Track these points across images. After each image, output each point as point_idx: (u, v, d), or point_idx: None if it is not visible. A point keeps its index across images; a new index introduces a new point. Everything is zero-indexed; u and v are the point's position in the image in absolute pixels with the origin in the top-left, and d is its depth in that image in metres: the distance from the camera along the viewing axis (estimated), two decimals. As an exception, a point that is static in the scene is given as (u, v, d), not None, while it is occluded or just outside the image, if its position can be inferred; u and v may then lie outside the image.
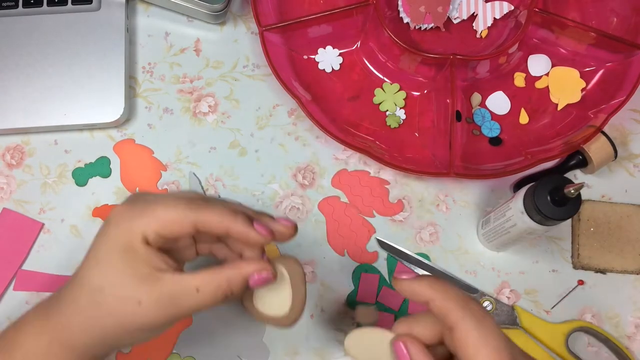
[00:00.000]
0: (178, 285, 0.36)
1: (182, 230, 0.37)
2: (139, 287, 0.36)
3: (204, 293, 0.36)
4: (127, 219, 0.37)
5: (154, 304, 0.36)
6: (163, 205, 0.37)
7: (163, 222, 0.36)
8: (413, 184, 0.57)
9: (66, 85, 0.56)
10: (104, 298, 0.36)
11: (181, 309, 0.36)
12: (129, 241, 0.36)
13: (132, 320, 0.36)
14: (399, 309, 0.53)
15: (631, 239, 0.54)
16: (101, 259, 0.37)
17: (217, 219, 0.37)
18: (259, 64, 0.59)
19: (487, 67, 0.57)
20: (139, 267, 0.36)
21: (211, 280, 0.36)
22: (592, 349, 0.53)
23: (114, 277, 0.36)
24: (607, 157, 0.54)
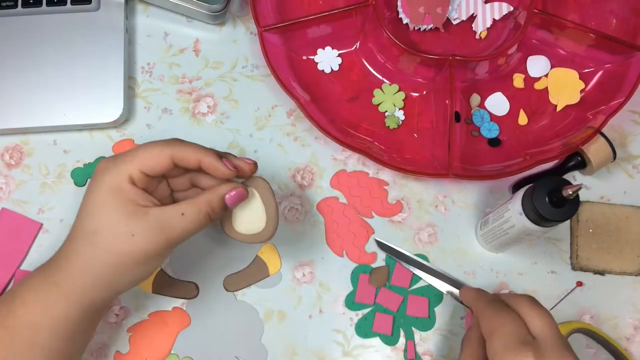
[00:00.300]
0: (165, 214, 0.41)
1: (162, 163, 0.42)
2: (129, 221, 0.40)
3: (189, 215, 0.41)
4: (114, 165, 0.41)
5: (146, 232, 0.40)
6: (143, 147, 0.42)
7: (145, 160, 0.41)
8: (412, 185, 0.57)
9: (65, 85, 0.56)
10: (100, 238, 0.40)
11: (171, 233, 0.41)
12: (117, 184, 0.41)
13: (128, 252, 0.40)
14: (397, 309, 0.53)
15: (630, 241, 0.54)
16: (92, 205, 0.41)
17: (192, 152, 0.42)
18: (258, 64, 0.59)
19: (486, 68, 0.57)
20: (127, 205, 0.40)
21: (193, 204, 0.41)
22: (591, 350, 0.53)
23: (106, 218, 0.40)
24: (606, 159, 0.54)
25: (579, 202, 0.43)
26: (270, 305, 0.53)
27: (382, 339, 0.53)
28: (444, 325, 0.53)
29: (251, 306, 0.53)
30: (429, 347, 0.53)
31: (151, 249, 0.40)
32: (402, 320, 0.53)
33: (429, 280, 0.54)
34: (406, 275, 0.54)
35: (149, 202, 0.41)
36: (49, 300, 0.41)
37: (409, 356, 0.52)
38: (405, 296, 0.53)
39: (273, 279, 0.54)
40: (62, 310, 0.41)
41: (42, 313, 0.40)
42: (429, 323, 0.53)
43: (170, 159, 0.42)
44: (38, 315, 0.40)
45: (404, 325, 0.53)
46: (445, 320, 0.53)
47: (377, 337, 0.53)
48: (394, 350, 0.53)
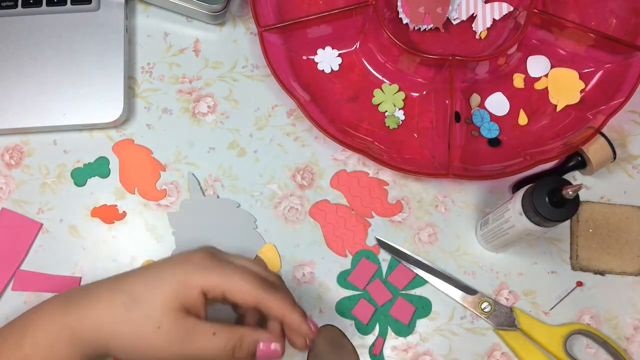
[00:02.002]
0: (198, 326, 0.39)
1: (245, 303, 0.40)
2: (166, 314, 0.39)
3: (218, 339, 0.39)
4: (206, 268, 0.40)
5: (169, 333, 0.38)
6: (240, 277, 0.41)
7: (234, 289, 0.40)
8: (412, 185, 0.57)
9: (65, 85, 0.56)
10: (137, 308, 0.39)
11: (193, 346, 0.39)
12: (193, 284, 0.39)
13: (145, 339, 0.39)
14: (382, 305, 0.53)
15: (630, 241, 0.54)
16: (157, 276, 0.40)
17: (279, 305, 0.41)
18: (258, 64, 0.59)
19: (486, 68, 0.57)
20: (177, 302, 0.39)
21: (227, 331, 0.40)
22: (591, 350, 0.53)
23: (155, 297, 0.39)
24: (606, 159, 0.54)
25: (579, 202, 0.43)
26: (270, 305, 0.53)
27: (356, 324, 0.53)
28: (444, 325, 0.53)
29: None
30: (429, 347, 0.53)
31: (166, 351, 0.39)
32: (382, 317, 0.53)
33: (429, 280, 0.54)
34: (404, 277, 0.54)
35: (197, 314, 0.40)
36: (57, 342, 0.39)
37: (373, 351, 0.52)
38: (395, 296, 0.53)
39: (273, 279, 0.54)
40: (66, 353, 0.39)
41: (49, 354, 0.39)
42: (406, 330, 0.53)
43: (255, 303, 0.41)
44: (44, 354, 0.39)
45: (382, 322, 0.53)
46: (445, 321, 0.53)
47: (352, 320, 0.53)
48: (361, 339, 0.53)
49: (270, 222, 0.55)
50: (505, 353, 0.53)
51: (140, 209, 0.56)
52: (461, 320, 0.53)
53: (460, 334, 0.53)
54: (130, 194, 0.56)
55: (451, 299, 0.54)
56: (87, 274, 0.54)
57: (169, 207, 0.56)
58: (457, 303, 0.54)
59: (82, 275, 0.54)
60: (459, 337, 0.53)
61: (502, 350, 0.53)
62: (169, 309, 0.39)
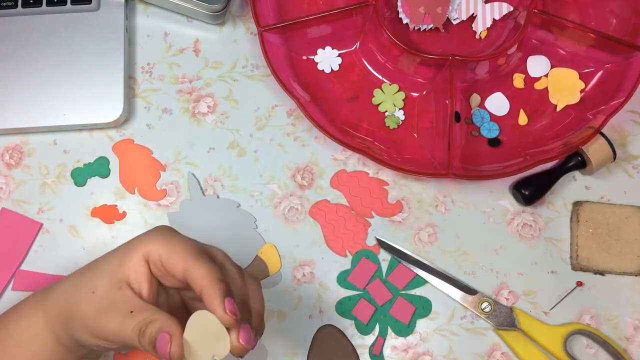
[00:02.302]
0: (123, 300, 0.37)
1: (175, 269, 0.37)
2: (103, 280, 0.38)
3: (130, 319, 0.36)
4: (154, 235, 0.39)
5: (98, 300, 0.37)
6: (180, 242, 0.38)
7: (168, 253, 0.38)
8: (412, 185, 0.57)
9: (65, 85, 0.56)
10: (87, 275, 0.40)
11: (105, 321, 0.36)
12: (136, 248, 0.39)
13: (81, 303, 0.38)
14: (382, 305, 0.53)
15: (630, 241, 0.54)
16: (116, 249, 0.40)
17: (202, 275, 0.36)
18: (258, 64, 0.59)
19: (486, 68, 0.57)
20: (121, 270, 0.38)
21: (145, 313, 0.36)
22: (591, 350, 0.53)
23: (102, 264, 0.40)
24: (606, 159, 0.54)
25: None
26: (270, 305, 0.53)
27: (356, 324, 0.53)
28: (444, 325, 0.53)
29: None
30: (429, 347, 0.53)
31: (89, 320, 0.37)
32: (382, 317, 0.53)
33: (429, 280, 0.54)
34: (404, 277, 0.54)
35: (137, 285, 0.38)
36: (33, 318, 0.41)
37: (373, 351, 0.52)
38: (395, 296, 0.53)
39: (273, 279, 0.54)
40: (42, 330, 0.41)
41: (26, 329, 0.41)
42: (406, 330, 0.53)
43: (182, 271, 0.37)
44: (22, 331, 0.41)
45: (382, 322, 0.53)
46: (445, 321, 0.53)
47: (352, 320, 0.53)
48: (361, 339, 0.53)
49: (270, 222, 0.55)
50: (505, 353, 0.53)
51: (140, 209, 0.56)
52: (461, 320, 0.53)
53: (460, 334, 0.53)
54: (130, 194, 0.56)
55: (451, 299, 0.54)
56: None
57: (169, 207, 0.56)
58: (457, 303, 0.54)
59: (82, 275, 0.54)
60: (459, 337, 0.53)
61: (502, 350, 0.53)
62: (109, 276, 0.38)
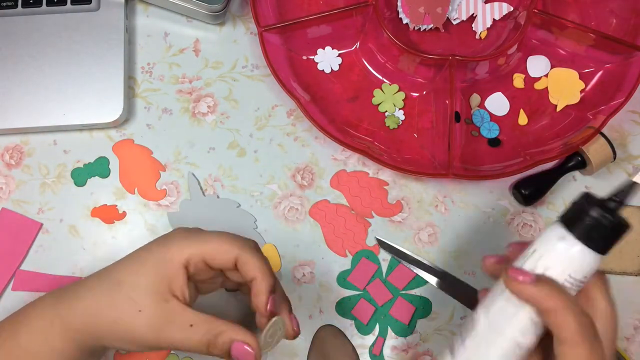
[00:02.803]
0: (177, 314, 0.38)
1: (224, 262, 0.39)
2: (147, 298, 0.37)
3: (194, 332, 0.37)
4: (183, 239, 0.39)
5: (149, 318, 0.37)
6: (218, 236, 0.40)
7: (213, 252, 0.39)
8: (412, 185, 0.57)
9: (65, 85, 0.56)
10: (119, 291, 0.38)
11: (168, 336, 0.37)
12: (172, 258, 0.38)
13: (126, 323, 0.38)
14: (382, 305, 0.53)
15: (630, 241, 0.54)
16: (136, 260, 0.39)
17: (256, 265, 0.39)
18: (258, 64, 0.59)
19: (486, 68, 0.57)
20: (160, 282, 0.38)
21: (205, 324, 0.38)
22: (591, 350, 0.53)
23: (137, 279, 0.38)
24: (606, 159, 0.54)
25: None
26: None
27: (356, 324, 0.53)
28: (444, 325, 0.53)
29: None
30: (429, 347, 0.53)
31: (145, 336, 0.38)
32: (382, 317, 0.53)
33: (429, 280, 0.54)
34: (404, 277, 0.54)
35: (180, 293, 0.38)
36: (50, 332, 0.39)
37: (373, 351, 0.52)
38: (396, 296, 0.54)
39: (273, 279, 0.54)
40: (60, 344, 0.39)
41: (43, 343, 0.39)
42: (406, 330, 0.53)
43: (234, 261, 0.39)
44: (38, 345, 0.39)
45: (382, 322, 0.53)
46: (445, 320, 0.53)
47: (352, 320, 0.53)
48: (361, 339, 0.53)
49: (270, 222, 0.55)
50: (505, 353, 0.53)
51: (140, 209, 0.56)
52: (461, 320, 0.53)
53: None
54: (130, 194, 0.56)
55: (451, 299, 0.54)
56: (87, 274, 0.53)
57: (169, 207, 0.56)
58: (457, 303, 0.54)
59: (82, 275, 0.54)
60: (459, 337, 0.53)
61: (502, 350, 0.53)
62: (152, 292, 0.38)
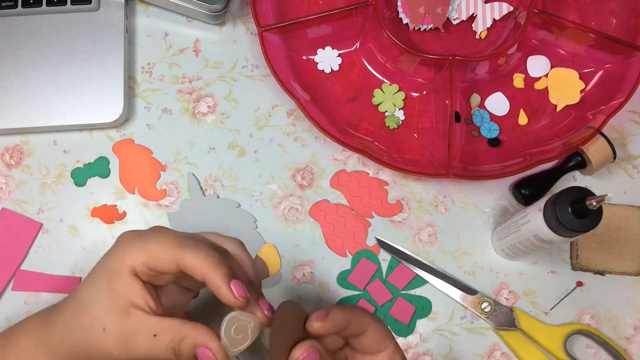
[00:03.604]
0: (140, 325, 0.36)
1: (166, 267, 0.37)
2: (109, 314, 0.36)
3: (158, 341, 0.36)
4: (123, 248, 0.38)
5: (114, 334, 0.36)
6: (154, 241, 0.37)
7: (151, 257, 0.37)
8: (412, 185, 0.57)
9: (65, 85, 0.56)
10: (83, 313, 0.37)
11: (136, 348, 0.36)
12: (119, 269, 0.37)
13: (95, 343, 0.37)
14: (382, 305, 0.53)
15: (630, 241, 0.54)
16: (94, 278, 0.38)
17: (199, 263, 0.36)
18: (258, 64, 0.59)
19: (486, 68, 0.57)
20: (118, 296, 0.36)
21: (169, 331, 0.36)
22: (591, 350, 0.53)
23: (96, 297, 0.37)
24: (606, 159, 0.54)
25: (602, 213, 0.42)
26: (270, 305, 0.53)
27: None
28: (444, 325, 0.53)
29: (251, 306, 0.53)
30: (429, 347, 0.53)
31: (113, 353, 0.36)
32: (382, 317, 0.53)
33: (429, 280, 0.54)
34: (404, 277, 0.54)
35: (141, 300, 0.37)
36: (35, 355, 0.39)
37: None
38: (395, 296, 0.54)
39: (273, 279, 0.54)
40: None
41: None
42: (406, 330, 0.53)
43: (175, 265, 0.36)
44: None
45: None
46: (445, 320, 0.53)
47: None
48: None
49: (270, 222, 0.55)
50: (505, 353, 0.53)
51: (140, 209, 0.56)
52: (461, 320, 0.53)
53: (460, 334, 0.53)
54: (130, 194, 0.56)
55: (451, 299, 0.54)
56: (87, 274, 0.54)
57: (169, 207, 0.56)
58: (457, 303, 0.54)
59: (82, 275, 0.54)
60: (459, 337, 0.53)
61: (502, 350, 0.53)
62: (112, 308, 0.36)
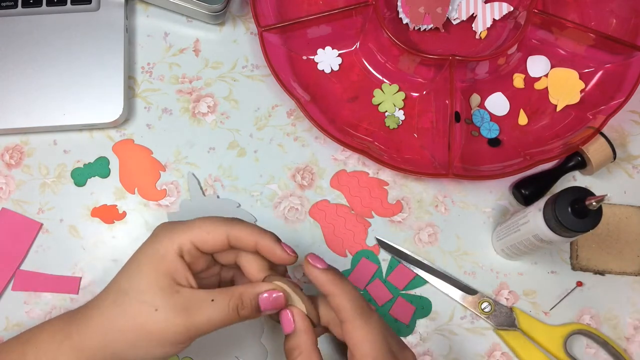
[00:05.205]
0: (194, 297, 0.38)
1: (216, 241, 0.40)
2: (157, 295, 0.38)
3: (218, 303, 0.38)
4: (168, 231, 0.40)
5: (169, 311, 0.37)
6: (201, 220, 0.41)
7: (200, 232, 0.40)
8: (412, 185, 0.57)
9: (65, 85, 0.56)
10: (127, 300, 0.38)
11: (194, 319, 0.38)
12: (164, 251, 0.39)
13: (145, 327, 0.38)
14: (381, 305, 0.53)
15: (630, 241, 0.54)
16: (134, 265, 0.40)
17: (249, 232, 0.40)
18: (258, 64, 0.59)
19: (486, 68, 0.57)
20: (164, 276, 0.38)
21: (224, 293, 0.39)
22: (590, 350, 0.53)
23: (139, 282, 0.38)
24: (606, 159, 0.54)
25: (601, 213, 0.42)
26: (270, 305, 0.53)
27: None
28: (444, 325, 0.53)
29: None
30: (429, 347, 0.53)
31: (170, 331, 0.38)
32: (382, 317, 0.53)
33: (429, 280, 0.54)
34: (404, 277, 0.54)
35: (184, 280, 0.39)
36: (58, 355, 0.39)
37: None
38: (395, 296, 0.53)
39: (273, 279, 0.54)
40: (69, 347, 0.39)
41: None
42: (406, 330, 0.53)
43: (225, 237, 0.40)
44: None
45: None
46: (445, 320, 0.53)
47: None
48: None
49: (270, 222, 0.55)
50: (505, 353, 0.53)
51: (140, 209, 0.56)
52: (461, 320, 0.53)
53: (460, 334, 0.53)
54: (130, 194, 0.56)
55: (451, 299, 0.54)
56: (87, 274, 0.54)
57: (169, 207, 0.56)
58: (457, 303, 0.54)
59: (82, 275, 0.54)
60: (459, 337, 0.53)
61: (502, 350, 0.53)
62: (159, 290, 0.38)
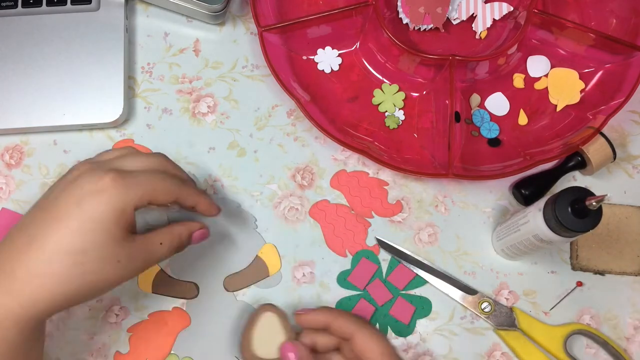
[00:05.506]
0: (147, 243, 0.44)
1: (166, 202, 0.44)
2: (117, 248, 0.41)
3: (165, 245, 0.45)
4: (125, 186, 0.41)
5: (130, 260, 0.42)
6: (155, 178, 0.44)
7: (158, 195, 0.43)
8: (412, 185, 0.57)
9: (65, 85, 0.56)
10: (87, 258, 0.40)
11: (150, 260, 0.44)
12: (123, 206, 0.41)
13: (113, 275, 0.41)
14: (382, 305, 0.53)
15: (630, 241, 0.54)
16: (89, 220, 0.40)
17: (193, 195, 0.46)
18: (258, 64, 0.59)
19: (486, 68, 0.57)
20: (122, 230, 0.41)
21: (169, 235, 0.46)
22: (591, 350, 0.53)
23: (97, 240, 0.40)
24: (606, 159, 0.54)
25: (601, 213, 0.42)
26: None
27: None
28: (444, 325, 0.53)
29: (251, 306, 0.53)
30: (429, 347, 0.53)
31: (132, 273, 0.43)
32: (382, 317, 0.53)
33: (429, 280, 0.54)
34: (404, 277, 0.54)
35: (134, 228, 0.43)
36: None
37: None
38: (396, 296, 0.54)
39: (273, 279, 0.54)
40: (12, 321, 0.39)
41: None
42: (407, 330, 0.53)
43: (175, 199, 0.45)
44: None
45: (382, 322, 0.53)
46: (445, 320, 0.53)
47: None
48: None
49: (270, 222, 0.55)
50: (505, 353, 0.53)
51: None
52: (461, 320, 0.53)
53: (460, 334, 0.53)
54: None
55: (451, 299, 0.54)
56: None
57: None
58: (457, 303, 0.54)
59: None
60: (459, 337, 0.53)
61: (502, 350, 0.53)
62: (117, 242, 0.41)
